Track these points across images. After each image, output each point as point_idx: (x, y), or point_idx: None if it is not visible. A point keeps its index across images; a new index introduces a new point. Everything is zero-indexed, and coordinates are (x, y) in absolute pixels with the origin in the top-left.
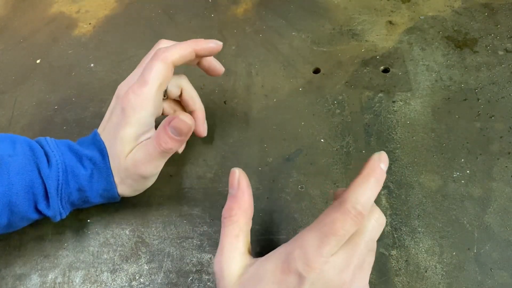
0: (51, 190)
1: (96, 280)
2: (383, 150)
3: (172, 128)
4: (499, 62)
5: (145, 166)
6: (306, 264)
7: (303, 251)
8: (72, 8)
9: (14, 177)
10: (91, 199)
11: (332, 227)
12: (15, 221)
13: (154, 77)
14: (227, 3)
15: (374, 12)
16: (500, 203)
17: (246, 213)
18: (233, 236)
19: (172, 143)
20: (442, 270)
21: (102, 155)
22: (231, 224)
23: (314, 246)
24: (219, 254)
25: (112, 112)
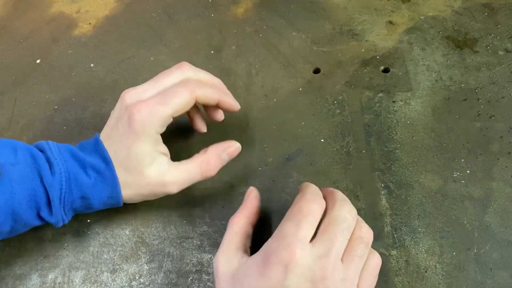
0: (54, 199)
1: (96, 280)
2: (383, 150)
3: (227, 155)
4: (499, 62)
5: (179, 186)
6: (286, 250)
7: (281, 240)
8: (72, 8)
9: (16, 186)
10: (94, 206)
11: (300, 213)
12: (17, 228)
13: (175, 104)
14: (227, 3)
15: (374, 12)
16: (500, 203)
17: (248, 217)
18: (233, 233)
19: (218, 167)
20: (442, 270)
21: (106, 163)
22: (232, 224)
23: (290, 233)
24: (218, 250)
25: (118, 120)
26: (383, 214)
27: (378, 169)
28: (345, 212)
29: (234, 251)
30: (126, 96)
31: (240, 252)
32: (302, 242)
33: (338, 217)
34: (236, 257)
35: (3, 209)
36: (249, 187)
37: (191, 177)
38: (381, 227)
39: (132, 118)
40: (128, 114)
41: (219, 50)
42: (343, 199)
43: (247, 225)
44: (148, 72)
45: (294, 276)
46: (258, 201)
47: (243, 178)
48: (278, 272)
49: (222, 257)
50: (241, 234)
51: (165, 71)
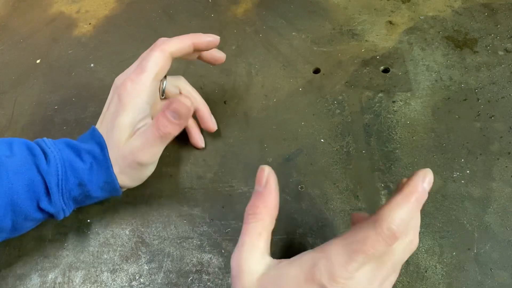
0: (52, 185)
1: (96, 280)
2: (383, 150)
3: (171, 112)
4: (499, 62)
5: (143, 152)
6: (331, 278)
7: (329, 264)
8: (72, 8)
9: (13, 177)
10: (92, 193)
11: (362, 245)
12: (19, 222)
13: (152, 66)
14: (227, 3)
15: (374, 12)
16: (500, 203)
17: (271, 212)
18: (256, 233)
19: (171, 127)
20: (442, 270)
21: (100, 147)
22: (255, 222)
23: (341, 261)
24: (238, 250)
25: (110, 102)
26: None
27: (378, 169)
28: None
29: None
30: (116, 80)
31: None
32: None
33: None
34: (262, 261)
35: (2, 201)
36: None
37: (150, 139)
38: None
39: (120, 94)
40: (118, 92)
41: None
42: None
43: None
44: None
45: None
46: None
47: (243, 178)
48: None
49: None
50: (265, 234)
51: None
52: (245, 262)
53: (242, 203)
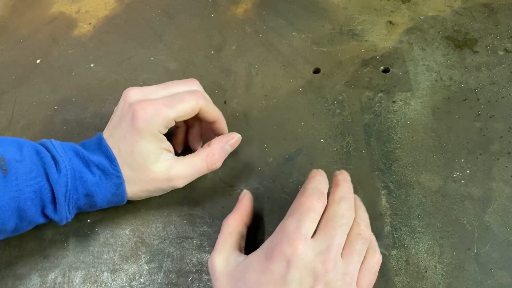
0: (59, 196)
1: (96, 280)
2: (383, 150)
3: (229, 146)
4: (499, 62)
5: (185, 180)
6: (288, 245)
7: (284, 235)
8: (72, 8)
9: (23, 183)
10: (98, 203)
11: (303, 207)
12: (21, 225)
13: (181, 108)
14: (227, 3)
15: (374, 12)
16: (500, 203)
17: (242, 218)
18: (227, 234)
19: (223, 158)
20: (442, 270)
21: (110, 161)
22: (226, 225)
23: (292, 228)
24: (213, 252)
25: (122, 118)
26: (383, 214)
27: (378, 169)
28: (343, 210)
29: (230, 251)
30: (130, 93)
31: (235, 251)
32: (304, 237)
33: (337, 214)
34: (232, 256)
35: (9, 206)
36: (243, 190)
37: (197, 170)
38: (381, 227)
39: (136, 115)
40: (132, 111)
41: (219, 50)
42: (342, 196)
43: (241, 226)
44: (148, 72)
45: (297, 270)
46: (251, 202)
47: (243, 178)
48: (280, 267)
49: (218, 257)
50: (235, 234)
51: (174, 81)
52: (217, 260)
53: None
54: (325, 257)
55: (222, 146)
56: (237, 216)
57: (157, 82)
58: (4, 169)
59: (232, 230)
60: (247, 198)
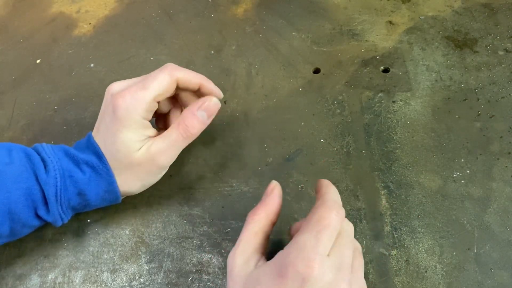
0: (50, 196)
1: (96, 280)
2: (383, 150)
3: (202, 111)
4: (499, 62)
5: (166, 155)
6: (306, 265)
7: (300, 252)
8: (72, 8)
9: (12, 185)
10: (92, 202)
11: (322, 223)
12: (17, 228)
13: (156, 86)
14: (227, 3)
15: (374, 12)
16: (500, 203)
17: (269, 216)
18: (252, 233)
19: (200, 127)
20: (442, 270)
21: (98, 158)
22: (252, 222)
23: (310, 245)
24: (235, 247)
25: (105, 111)
26: (383, 214)
27: (378, 169)
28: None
29: (252, 253)
30: (113, 86)
31: (258, 254)
32: (321, 256)
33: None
34: (253, 259)
35: (0, 209)
36: (272, 181)
37: (173, 140)
38: (381, 227)
39: (116, 105)
40: (113, 103)
41: (219, 50)
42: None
43: (268, 225)
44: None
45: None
46: (281, 199)
47: (243, 178)
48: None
49: (240, 258)
50: (261, 234)
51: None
52: (238, 260)
53: (242, 203)
54: (341, 276)
55: (193, 111)
56: (265, 214)
57: None
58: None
59: (258, 229)
60: (277, 193)
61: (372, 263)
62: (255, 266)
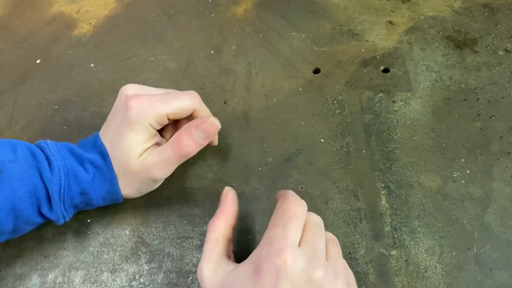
0: (54, 194)
1: (96, 280)
2: (383, 150)
3: (199, 132)
4: (499, 62)
5: (159, 170)
6: (278, 255)
7: (270, 246)
8: (72, 8)
9: (16, 183)
10: (94, 201)
11: (286, 215)
12: (20, 225)
13: (175, 105)
14: (227, 3)
15: (374, 12)
16: (500, 203)
17: (227, 221)
18: (214, 240)
19: (195, 147)
20: (442, 270)
21: (103, 158)
22: (212, 230)
23: (279, 237)
24: (201, 259)
25: (117, 110)
26: (383, 214)
27: (378, 169)
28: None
29: (218, 260)
30: (128, 87)
31: (224, 259)
32: (291, 245)
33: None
34: (220, 265)
35: (5, 206)
36: (225, 187)
37: (166, 157)
38: (381, 227)
39: (129, 107)
40: (127, 103)
41: (219, 50)
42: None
43: (227, 230)
44: (148, 72)
45: (288, 281)
46: (235, 201)
47: (243, 178)
48: (271, 279)
49: (206, 267)
50: (222, 240)
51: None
52: (205, 270)
53: (242, 203)
54: (315, 263)
55: (190, 130)
56: (222, 220)
57: (157, 82)
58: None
59: (219, 235)
60: (231, 197)
61: (372, 263)
62: (225, 271)
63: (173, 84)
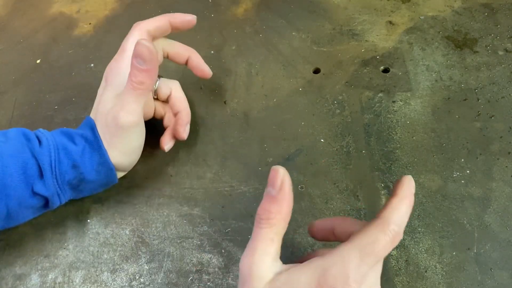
0: (45, 166)
1: (96, 280)
2: (383, 150)
3: (136, 58)
4: (499, 62)
5: (123, 112)
6: (345, 282)
7: (342, 268)
8: (72, 8)
9: (7, 159)
10: (87, 175)
11: (374, 247)
12: (14, 209)
13: (131, 44)
14: (227, 3)
15: (374, 12)
16: (500, 203)
17: (285, 218)
18: (269, 239)
19: (141, 75)
20: (442, 270)
21: (92, 130)
22: (268, 227)
23: (354, 264)
24: (249, 254)
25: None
26: None
27: (378, 169)
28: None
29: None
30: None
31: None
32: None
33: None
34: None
35: None
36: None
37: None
38: None
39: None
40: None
41: (219, 50)
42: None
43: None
44: None
45: None
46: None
47: (243, 178)
48: None
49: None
50: (277, 241)
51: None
52: (256, 268)
53: (242, 203)
54: None
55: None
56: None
57: None
58: None
59: (274, 235)
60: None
61: None
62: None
63: None
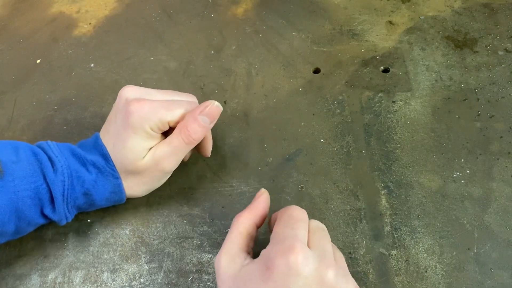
0: (57, 195)
1: (96, 280)
2: (383, 150)
3: (204, 117)
4: (499, 62)
5: (169, 161)
6: (290, 252)
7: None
8: (72, 8)
9: (19, 184)
10: (97, 202)
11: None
12: (22, 227)
13: (178, 113)
14: (227, 3)
15: (374, 12)
16: (500, 203)
17: (254, 218)
18: (237, 232)
19: (201, 132)
20: (442, 270)
21: (105, 160)
22: (237, 223)
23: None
24: (220, 249)
25: (118, 113)
26: (383, 214)
27: (378, 169)
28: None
29: (237, 252)
30: (127, 90)
31: (243, 253)
32: (302, 244)
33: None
34: (239, 258)
35: (8, 208)
36: (261, 188)
37: (175, 146)
38: (381, 227)
39: (131, 111)
40: (128, 108)
41: (219, 50)
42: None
43: (252, 227)
44: (148, 72)
45: (299, 278)
46: (267, 204)
47: (243, 178)
48: (282, 276)
49: (225, 257)
50: (245, 234)
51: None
52: (223, 259)
53: (242, 203)
54: (327, 264)
55: (195, 116)
56: (250, 216)
57: (157, 82)
58: (1, 170)
59: (243, 229)
60: (264, 199)
61: (372, 263)
62: (241, 265)
63: (173, 84)
